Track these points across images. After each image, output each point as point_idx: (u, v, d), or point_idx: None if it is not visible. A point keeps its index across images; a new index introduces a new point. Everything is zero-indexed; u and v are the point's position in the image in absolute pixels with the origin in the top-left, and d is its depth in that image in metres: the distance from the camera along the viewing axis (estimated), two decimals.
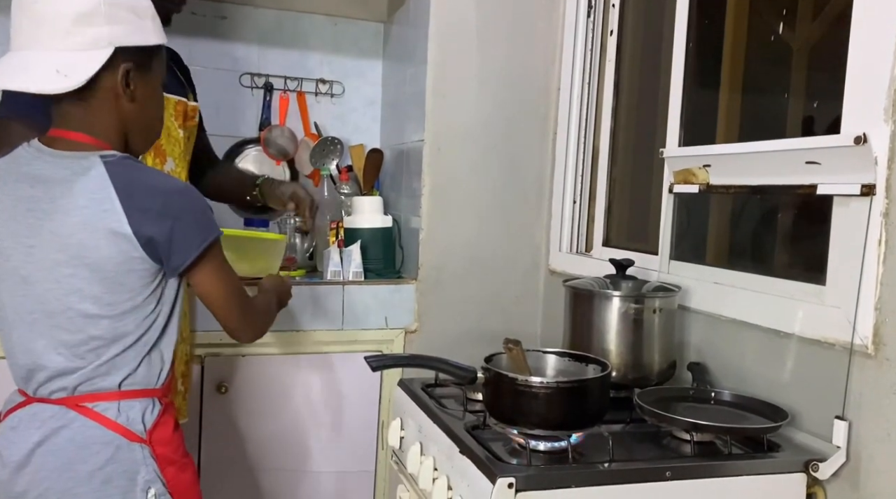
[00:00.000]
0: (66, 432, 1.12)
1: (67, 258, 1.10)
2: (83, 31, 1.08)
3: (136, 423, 1.15)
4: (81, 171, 1.10)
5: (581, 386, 1.25)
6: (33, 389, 1.15)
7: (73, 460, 1.11)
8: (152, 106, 1.22)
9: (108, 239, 1.09)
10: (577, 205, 2.13)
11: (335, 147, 2.35)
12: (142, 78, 1.16)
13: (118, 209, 1.08)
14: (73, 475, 1.11)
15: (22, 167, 1.14)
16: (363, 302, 2.05)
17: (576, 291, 1.58)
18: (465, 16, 2.07)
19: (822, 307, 1.28)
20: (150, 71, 1.18)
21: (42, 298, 1.12)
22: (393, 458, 1.54)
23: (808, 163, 1.29)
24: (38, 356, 1.13)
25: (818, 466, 1.19)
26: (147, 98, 1.19)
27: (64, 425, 1.12)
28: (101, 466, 1.11)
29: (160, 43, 1.19)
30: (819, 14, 1.58)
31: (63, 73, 1.07)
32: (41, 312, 1.13)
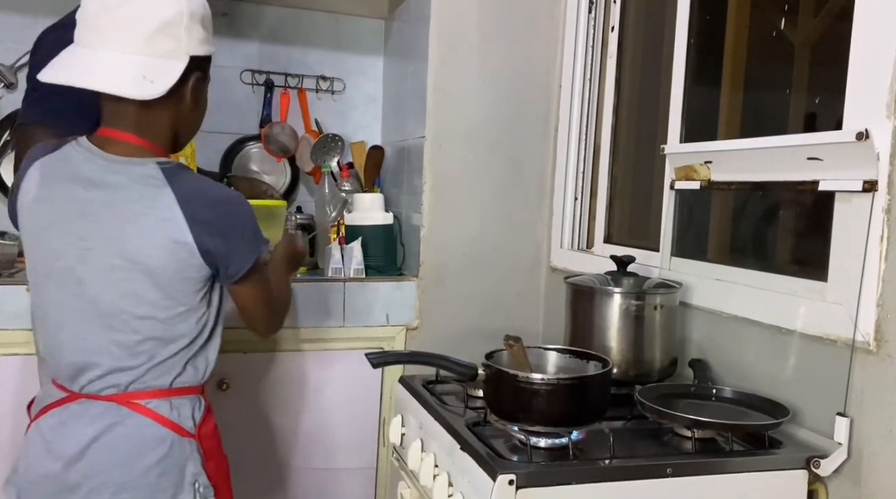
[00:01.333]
0: (122, 429, 1.15)
1: (124, 263, 1.12)
2: (165, 40, 1.12)
3: (187, 419, 1.19)
4: (140, 178, 1.13)
5: (582, 383, 1.25)
6: (80, 385, 1.17)
7: (130, 456, 1.14)
8: (205, 108, 1.27)
9: (169, 248, 1.12)
10: (578, 201, 2.13)
11: (336, 144, 2.35)
12: (203, 85, 1.22)
13: (179, 219, 1.11)
14: (130, 470, 1.14)
15: (74, 168, 1.15)
16: (364, 299, 2.05)
17: (577, 288, 1.57)
18: (466, 12, 2.07)
19: (823, 304, 1.27)
20: (206, 76, 1.24)
21: (96, 299, 1.14)
22: (394, 454, 1.54)
23: (809, 159, 1.28)
24: (91, 355, 1.15)
25: (819, 462, 1.19)
26: (203, 105, 1.25)
27: (118, 421, 1.15)
28: (158, 461, 1.15)
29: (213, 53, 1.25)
30: (821, 10, 1.57)
31: (150, 79, 1.11)
32: (94, 313, 1.15)
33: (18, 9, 2.14)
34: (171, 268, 1.12)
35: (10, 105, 2.14)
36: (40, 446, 1.17)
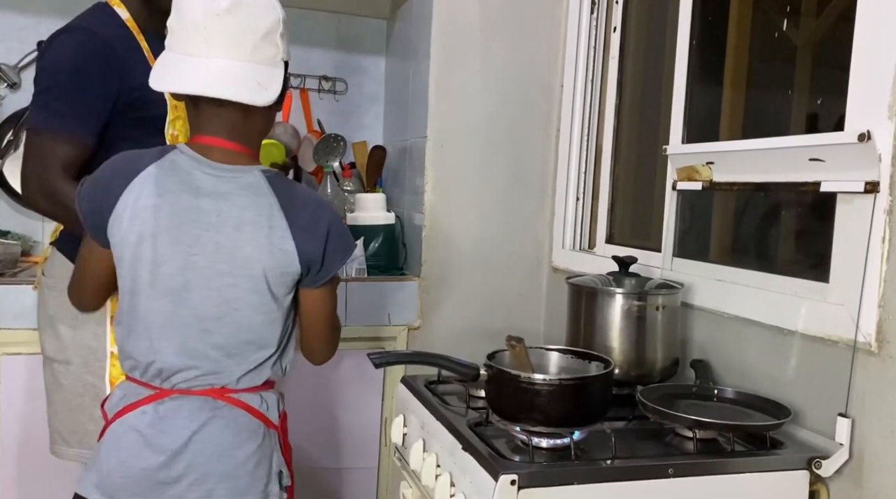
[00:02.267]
0: (219, 421, 1.19)
1: (231, 269, 1.17)
2: (269, 47, 1.17)
3: (274, 412, 1.25)
4: (248, 186, 1.18)
5: (584, 383, 1.25)
6: (173, 383, 1.20)
7: (230, 446, 1.18)
8: (276, 111, 1.30)
9: (274, 253, 1.17)
10: (580, 202, 2.13)
11: (338, 144, 2.35)
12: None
13: (283, 226, 1.17)
14: (231, 460, 1.18)
15: (184, 176, 1.17)
16: (366, 299, 2.05)
17: (579, 289, 1.57)
18: (468, 12, 2.07)
19: (825, 305, 1.27)
20: (288, 81, 1.27)
21: (198, 304, 1.18)
22: (396, 454, 1.54)
23: (811, 160, 1.29)
24: (190, 358, 1.19)
25: (821, 463, 1.19)
26: (276, 107, 1.27)
27: (214, 414, 1.19)
28: (254, 450, 1.20)
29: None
30: (823, 11, 1.57)
31: (264, 85, 1.16)
32: (194, 317, 1.18)
33: (21, 9, 2.15)
34: (274, 273, 1.17)
35: (14, 105, 2.14)
36: (137, 442, 1.18)
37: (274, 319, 1.21)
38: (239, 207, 1.17)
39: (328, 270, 1.23)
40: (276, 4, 1.19)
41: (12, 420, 1.77)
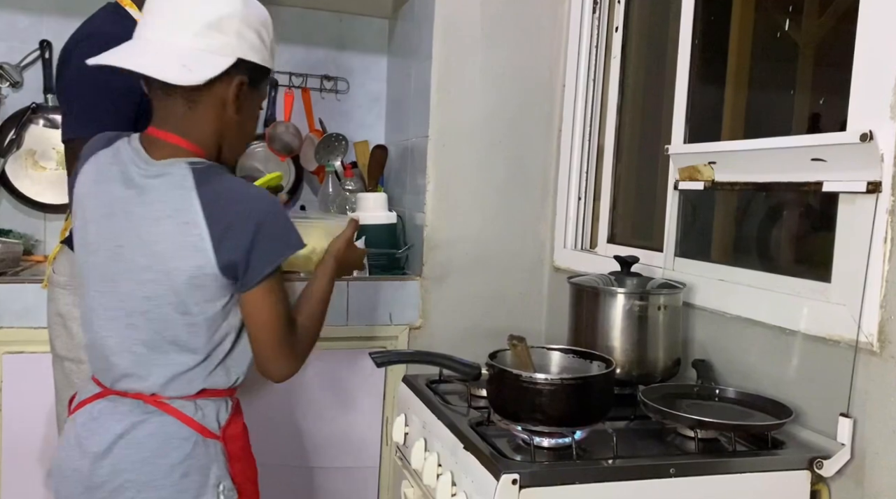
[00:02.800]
0: (147, 427, 1.14)
1: (150, 263, 1.12)
2: (214, 36, 1.12)
3: (212, 420, 1.18)
4: (171, 178, 1.12)
5: (585, 383, 1.25)
6: (111, 381, 1.17)
7: (154, 454, 1.14)
8: (252, 123, 1.27)
9: (187, 252, 1.10)
10: (581, 202, 2.13)
11: (340, 143, 2.35)
12: (251, 94, 1.20)
13: (202, 223, 1.09)
14: (154, 468, 1.13)
15: (120, 165, 1.16)
16: (368, 298, 2.05)
17: (580, 288, 1.57)
18: (470, 12, 2.07)
19: (827, 305, 1.27)
20: (258, 90, 1.23)
21: (124, 297, 1.15)
22: (397, 454, 1.54)
23: (813, 160, 1.28)
24: (116, 353, 1.16)
25: (822, 463, 1.19)
26: (250, 114, 1.24)
27: (144, 419, 1.15)
28: (181, 460, 1.14)
29: (272, 68, 1.24)
30: (825, 11, 1.57)
31: (188, 67, 1.10)
32: (122, 311, 1.15)
33: (24, 8, 2.15)
34: (189, 273, 1.10)
35: (17, 104, 2.15)
36: (73, 441, 1.17)
37: (195, 324, 1.13)
38: (160, 201, 1.11)
39: (256, 271, 1.11)
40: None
41: (14, 419, 1.77)
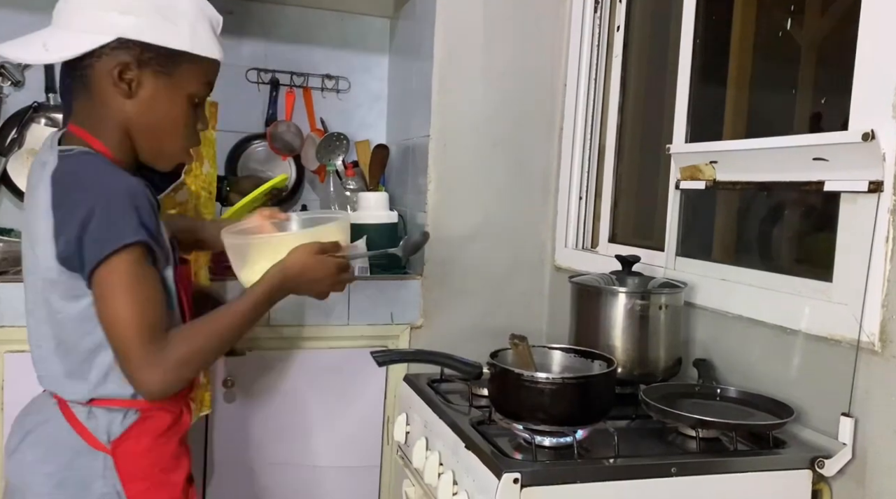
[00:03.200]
0: (46, 428, 1.11)
1: (31, 257, 1.08)
2: (92, 15, 1.03)
3: (101, 432, 1.09)
4: (44, 168, 1.06)
5: (586, 382, 1.25)
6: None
7: (37, 459, 1.09)
8: (161, 112, 1.09)
9: (44, 244, 1.03)
10: (582, 201, 2.13)
11: (341, 143, 2.35)
12: (151, 79, 1.07)
13: (50, 213, 1.02)
14: (34, 475, 1.09)
15: (37, 161, 1.13)
16: (369, 297, 2.05)
17: (581, 288, 1.57)
18: (472, 11, 2.07)
19: (828, 304, 1.27)
20: (167, 76, 1.08)
21: (27, 292, 1.12)
22: (398, 453, 1.54)
23: (815, 159, 1.28)
24: (31, 348, 1.14)
25: (824, 463, 1.19)
26: (154, 102, 1.08)
27: (47, 419, 1.11)
28: (58, 470, 1.08)
29: (191, 51, 1.08)
30: (827, 10, 1.57)
31: (46, 47, 1.04)
32: (28, 305, 1.13)
33: (26, 6, 2.15)
34: (43, 267, 1.04)
35: (18, 103, 2.14)
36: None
37: (62, 322, 1.06)
38: (35, 192, 1.06)
39: (87, 264, 1.00)
40: None
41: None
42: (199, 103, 1.14)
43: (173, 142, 1.13)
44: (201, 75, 1.12)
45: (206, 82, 1.13)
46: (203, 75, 1.12)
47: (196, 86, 1.11)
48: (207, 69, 1.13)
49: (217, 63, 1.14)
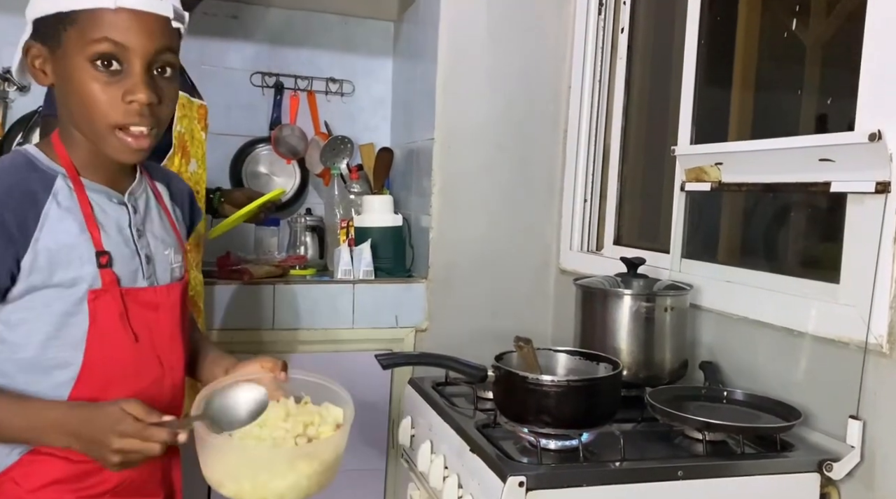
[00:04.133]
0: None
1: None
2: (27, 12, 0.94)
3: None
4: None
5: (592, 385, 1.24)
6: None
7: None
8: (71, 89, 0.92)
9: None
10: (587, 203, 2.13)
11: (345, 146, 2.35)
12: (50, 56, 0.93)
13: None
14: None
15: None
16: (374, 301, 2.05)
17: (587, 290, 1.57)
18: (476, 14, 2.07)
19: (835, 306, 1.26)
20: (58, 46, 0.91)
21: None
22: (403, 456, 1.54)
23: (821, 160, 1.28)
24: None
25: (832, 466, 1.18)
26: (63, 81, 0.93)
27: None
28: None
29: (57, 9, 0.90)
30: (833, 10, 1.56)
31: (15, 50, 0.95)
32: None
33: None
34: None
35: (24, 107, 2.15)
36: None
37: None
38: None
39: None
40: None
41: None
42: (112, 71, 0.90)
43: (93, 121, 0.92)
44: (88, 34, 0.89)
45: (98, 39, 0.89)
46: (90, 32, 0.89)
47: (87, 45, 0.89)
48: (93, 24, 0.89)
49: (108, 14, 0.89)
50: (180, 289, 1.07)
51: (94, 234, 0.95)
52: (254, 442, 0.96)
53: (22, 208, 0.90)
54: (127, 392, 0.95)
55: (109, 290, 0.95)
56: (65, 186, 0.95)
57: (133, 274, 0.99)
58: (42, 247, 0.91)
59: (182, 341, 1.07)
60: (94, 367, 0.95)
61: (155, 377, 1.02)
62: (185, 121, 1.65)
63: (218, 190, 1.98)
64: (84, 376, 0.95)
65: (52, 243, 0.92)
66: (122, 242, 0.99)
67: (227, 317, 1.94)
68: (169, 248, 1.07)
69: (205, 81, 1.87)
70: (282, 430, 0.97)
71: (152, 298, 1.01)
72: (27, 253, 0.90)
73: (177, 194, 1.15)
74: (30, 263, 0.91)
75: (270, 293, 1.98)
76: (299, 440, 0.97)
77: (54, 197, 0.93)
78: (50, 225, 0.92)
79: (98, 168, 0.98)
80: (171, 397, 1.05)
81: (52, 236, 0.92)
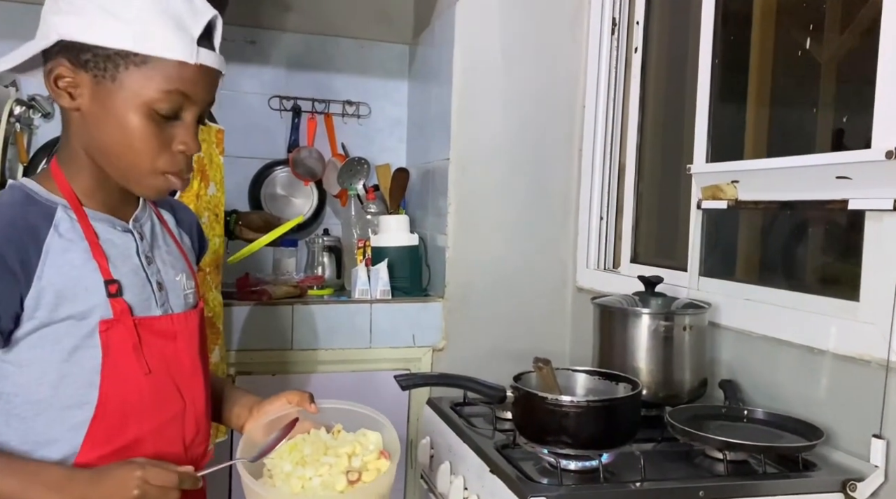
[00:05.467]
0: None
1: None
2: (42, 20, 0.91)
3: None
4: None
5: (612, 405, 1.24)
6: None
7: None
8: (110, 125, 0.90)
9: None
10: (603, 221, 2.13)
11: (362, 167, 2.38)
12: (91, 85, 0.89)
13: None
14: None
15: None
16: (391, 320, 2.06)
17: (605, 309, 1.57)
18: (490, 36, 2.09)
19: (856, 323, 1.26)
20: (110, 81, 0.88)
21: None
22: (422, 477, 1.54)
23: (838, 178, 1.28)
24: None
25: (856, 485, 1.17)
26: (100, 113, 0.90)
27: None
28: None
29: (134, 50, 0.87)
30: (847, 27, 1.57)
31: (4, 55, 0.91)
32: None
33: None
34: None
35: (48, 134, 2.20)
36: None
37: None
38: None
39: None
40: None
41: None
42: (168, 117, 0.91)
43: (136, 164, 0.91)
44: (158, 81, 0.88)
45: (169, 90, 0.89)
46: (162, 81, 0.88)
47: (152, 93, 0.88)
48: (166, 74, 0.88)
49: (187, 68, 0.89)
50: (197, 317, 1.04)
51: (100, 262, 0.92)
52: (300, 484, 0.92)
53: (23, 243, 0.88)
54: (147, 428, 0.93)
55: (122, 319, 0.92)
56: (66, 217, 0.92)
57: (146, 303, 0.96)
58: (46, 282, 0.88)
59: (203, 372, 1.03)
60: (110, 403, 0.92)
61: (176, 411, 0.98)
62: (204, 145, 1.68)
63: (234, 212, 2.00)
64: (100, 414, 0.91)
65: (57, 277, 0.89)
66: (131, 270, 0.95)
67: (246, 338, 1.96)
68: (180, 273, 1.03)
69: (224, 106, 1.91)
70: (326, 466, 0.93)
71: (169, 326, 0.98)
72: (31, 290, 0.87)
73: (184, 222, 1.13)
74: (35, 300, 0.88)
75: (289, 314, 2.00)
76: (350, 476, 0.93)
77: (55, 229, 0.90)
78: (53, 258, 0.89)
79: (101, 197, 0.95)
80: (195, 432, 1.00)
81: (55, 270, 0.89)
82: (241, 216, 2.03)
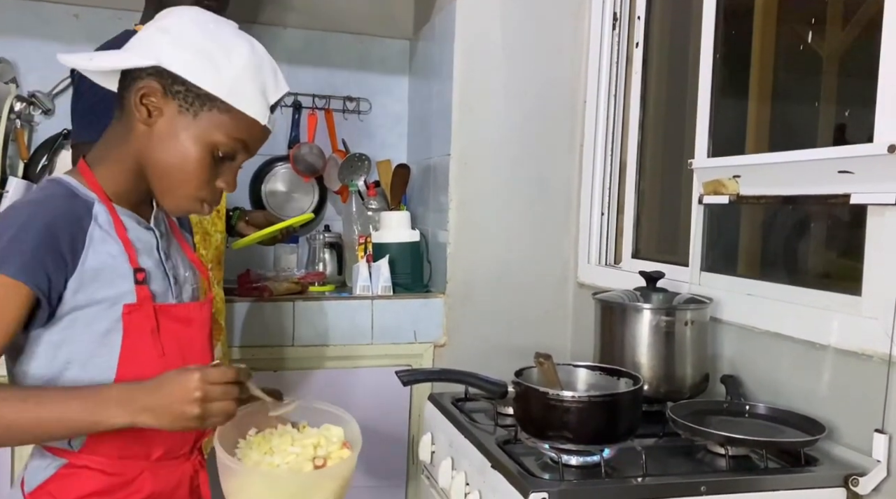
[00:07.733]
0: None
1: None
2: (146, 39, 1.00)
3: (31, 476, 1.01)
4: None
5: (613, 400, 1.24)
6: None
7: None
8: (173, 150, 1.00)
9: None
10: (605, 217, 2.13)
11: (363, 163, 2.37)
12: (173, 113, 0.99)
13: None
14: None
15: None
16: (392, 316, 2.06)
17: (606, 304, 1.57)
18: (490, 31, 2.09)
19: (858, 318, 1.25)
20: (192, 116, 0.99)
21: None
22: (424, 472, 1.54)
23: (840, 172, 1.27)
24: None
25: (858, 480, 1.17)
26: (169, 137, 0.99)
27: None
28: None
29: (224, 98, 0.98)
30: (849, 22, 1.56)
31: (91, 58, 1.02)
32: None
33: (56, 37, 2.21)
34: None
35: (49, 130, 2.20)
36: None
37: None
38: None
39: None
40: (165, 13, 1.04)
41: None
42: (223, 158, 1.01)
43: (182, 186, 1.01)
44: (231, 128, 1.00)
45: (236, 138, 1.00)
46: (234, 129, 1.00)
47: (221, 137, 1.00)
48: (240, 125, 1.00)
49: (257, 125, 1.02)
50: (210, 307, 1.13)
51: (130, 253, 1.01)
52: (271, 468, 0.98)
53: (73, 231, 0.96)
54: None
55: (143, 305, 1.00)
56: (102, 210, 1.01)
57: (164, 293, 1.05)
58: (88, 267, 0.96)
59: (210, 359, 1.10)
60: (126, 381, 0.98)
61: None
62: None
63: (237, 209, 2.00)
64: None
65: (97, 263, 0.97)
66: (154, 264, 1.05)
67: (248, 334, 1.96)
68: (188, 270, 1.13)
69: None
70: (292, 455, 1.00)
71: (185, 313, 1.07)
72: (75, 273, 0.95)
73: (185, 223, 1.23)
74: (77, 283, 0.96)
75: (290, 310, 2.00)
76: (316, 462, 1.01)
77: (95, 220, 0.99)
78: (94, 246, 0.98)
79: (128, 197, 1.04)
80: None
81: (96, 257, 0.97)
82: (244, 213, 2.03)
